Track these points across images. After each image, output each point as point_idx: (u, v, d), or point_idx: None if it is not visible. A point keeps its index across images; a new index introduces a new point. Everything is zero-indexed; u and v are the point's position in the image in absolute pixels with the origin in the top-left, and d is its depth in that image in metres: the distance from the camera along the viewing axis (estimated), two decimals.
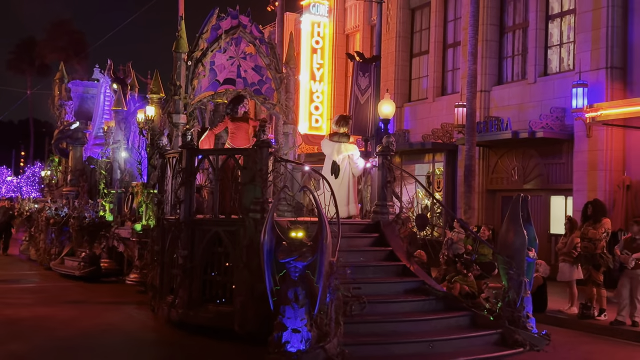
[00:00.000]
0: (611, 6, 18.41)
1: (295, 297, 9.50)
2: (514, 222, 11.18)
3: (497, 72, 22.71)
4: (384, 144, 13.00)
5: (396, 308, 10.84)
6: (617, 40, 18.43)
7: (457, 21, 24.49)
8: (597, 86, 18.37)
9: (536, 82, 20.99)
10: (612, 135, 18.41)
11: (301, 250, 9.52)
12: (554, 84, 20.42)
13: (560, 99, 19.72)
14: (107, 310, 14.21)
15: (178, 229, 12.56)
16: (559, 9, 21.06)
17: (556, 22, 21.11)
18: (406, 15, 26.98)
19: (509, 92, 22.05)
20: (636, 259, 12.12)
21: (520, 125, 20.37)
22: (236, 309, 11.68)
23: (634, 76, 18.33)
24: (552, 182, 20.53)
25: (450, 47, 25.12)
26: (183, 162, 12.55)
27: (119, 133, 19.59)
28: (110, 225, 18.63)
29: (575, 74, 18.89)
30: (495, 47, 22.62)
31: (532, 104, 20.79)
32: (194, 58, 14.82)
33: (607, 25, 18.42)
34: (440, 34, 25.23)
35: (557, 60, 21.01)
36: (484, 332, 10.83)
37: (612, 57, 18.40)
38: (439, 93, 25.16)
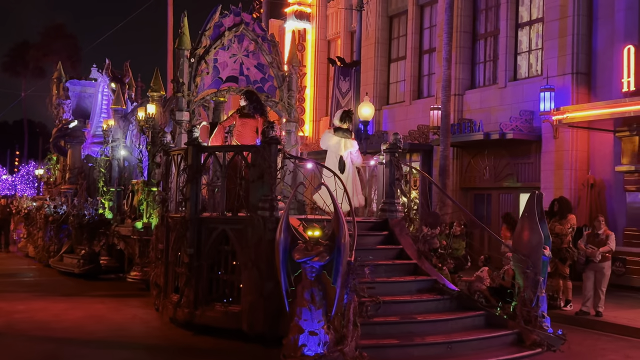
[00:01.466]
0: (576, 15, 18.61)
1: (312, 298, 8.68)
2: (530, 220, 10.41)
3: (470, 77, 22.81)
4: (392, 141, 12.18)
5: (411, 308, 10.01)
6: (582, 47, 18.66)
7: (433, 29, 24.61)
8: (564, 90, 18.56)
9: (506, 86, 21.15)
10: (577, 136, 18.63)
11: (318, 249, 8.67)
12: (523, 88, 20.56)
13: (529, 103, 19.85)
14: (111, 310, 13.29)
15: (184, 227, 11.67)
16: (528, 17, 21.19)
17: (525, 30, 21.26)
18: (384, 22, 27.00)
19: (481, 96, 22.15)
20: (602, 253, 12.21)
21: (491, 127, 20.45)
22: (245, 309, 10.84)
23: (598, 81, 18.51)
24: (521, 180, 20.60)
25: (426, 53, 25.22)
26: (189, 159, 11.67)
27: (118, 131, 18.61)
28: (109, 223, 17.68)
29: (543, 79, 19.05)
30: (468, 54, 22.74)
31: (503, 107, 20.92)
32: (196, 55, 13.97)
33: (573, 33, 18.64)
34: (416, 40, 25.32)
35: (526, 66, 21.14)
36: (500, 332, 10.06)
37: (578, 63, 18.64)
38: (415, 96, 25.25)
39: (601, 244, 12.38)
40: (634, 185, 17.19)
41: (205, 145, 11.86)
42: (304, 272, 8.79)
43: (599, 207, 17.72)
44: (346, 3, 28.29)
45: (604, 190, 18.14)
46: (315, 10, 30.49)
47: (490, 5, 22.36)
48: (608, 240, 12.43)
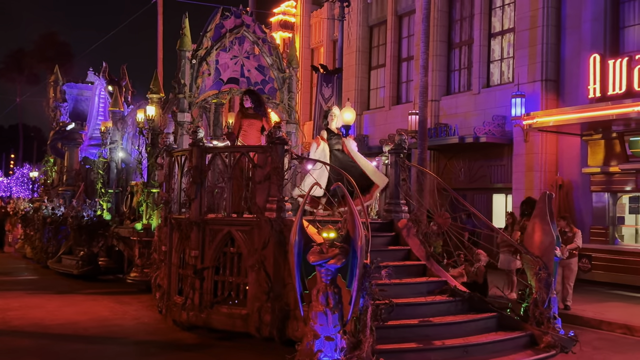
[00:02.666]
0: (546, 25, 18.80)
1: (327, 302, 7.95)
2: (542, 221, 9.77)
3: (446, 84, 23.00)
4: (397, 141, 11.50)
5: (424, 311, 9.32)
6: (551, 55, 18.84)
7: (411, 38, 24.67)
8: (534, 96, 18.74)
9: (480, 92, 21.30)
10: (546, 140, 18.80)
11: (334, 252, 7.95)
12: (495, 94, 20.70)
13: (501, 108, 20.00)
14: (114, 312, 12.53)
15: (188, 228, 10.93)
16: (500, 27, 21.32)
17: (497, 39, 21.41)
18: (365, 32, 27.22)
19: (456, 102, 22.31)
20: (569, 250, 12.17)
21: (466, 131, 20.53)
22: (252, 312, 10.13)
23: (566, 88, 18.69)
24: (494, 181, 20.75)
25: (405, 61, 25.31)
26: (193, 160, 10.92)
27: (116, 133, 17.78)
28: (108, 225, 16.85)
29: (514, 85, 19.23)
30: (444, 62, 22.90)
31: (477, 112, 21.03)
32: (198, 56, 13.23)
33: (542, 42, 18.83)
34: (395, 49, 25.49)
35: (499, 73, 21.26)
36: (513, 334, 9.41)
37: (547, 71, 18.82)
38: (394, 102, 25.39)
39: (568, 242, 12.31)
40: (599, 186, 17.45)
41: (209, 146, 11.09)
42: (319, 275, 8.07)
43: (567, 206, 17.81)
44: (329, 13, 28.37)
45: (571, 191, 18.35)
46: (299, 20, 30.76)
47: (464, 16, 22.56)
48: (575, 237, 12.42)
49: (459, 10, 22.73)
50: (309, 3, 30.89)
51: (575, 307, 12.69)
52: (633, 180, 16.87)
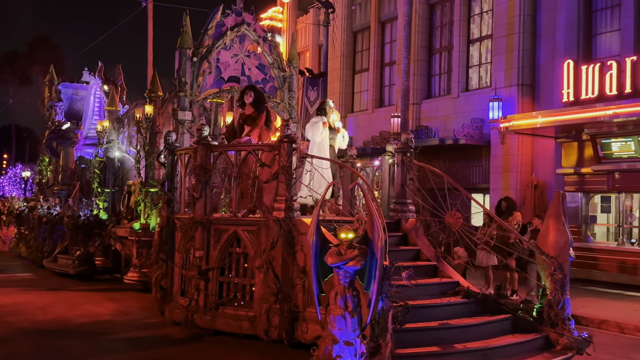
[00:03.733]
0: (522, 32, 18.90)
1: (346, 305, 7.27)
2: (556, 220, 9.14)
3: (427, 88, 23.01)
4: (403, 140, 10.85)
5: (439, 313, 8.66)
6: (527, 61, 18.94)
7: (393, 43, 24.63)
8: (510, 100, 18.80)
9: (459, 96, 21.29)
10: (522, 142, 18.84)
11: (353, 253, 7.28)
12: (474, 98, 20.63)
13: (479, 111, 19.96)
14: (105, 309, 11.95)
15: (192, 228, 10.22)
16: (479, 34, 21.32)
17: (476, 45, 21.40)
18: (349, 37, 27.10)
19: (436, 105, 22.29)
20: None
21: (446, 133, 20.67)
22: (260, 314, 9.46)
23: (541, 92, 18.76)
24: (472, 182, 20.68)
25: (387, 65, 25.22)
26: (198, 158, 10.20)
27: (112, 133, 16.95)
28: (105, 224, 16.02)
29: (492, 90, 19.25)
30: (425, 66, 22.91)
31: (456, 115, 21.04)
32: (199, 54, 12.48)
33: (519, 48, 18.92)
34: (378, 54, 25.39)
35: (477, 78, 21.27)
36: (529, 336, 8.74)
37: (523, 76, 18.91)
38: (377, 105, 25.32)
39: None
40: (572, 186, 17.45)
41: (215, 144, 10.36)
42: (337, 277, 7.39)
43: (541, 206, 17.74)
44: (314, 19, 28.25)
45: (546, 191, 18.36)
46: (285, 25, 30.65)
47: (444, 23, 22.57)
48: None
49: (439, 17, 22.80)
50: (295, 9, 30.67)
51: None
52: (604, 181, 16.85)
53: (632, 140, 16.13)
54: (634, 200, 17.00)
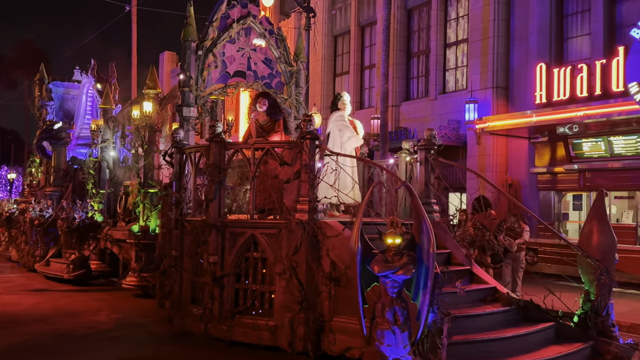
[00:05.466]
0: (496, 37, 18.92)
1: (395, 318, 6.22)
2: (600, 221, 8.20)
3: (405, 90, 22.96)
4: (426, 137, 9.80)
5: (481, 323, 7.65)
6: (501, 64, 18.96)
7: (372, 47, 24.46)
8: (485, 102, 18.85)
9: (437, 98, 21.29)
10: (497, 143, 18.83)
11: (403, 261, 6.20)
12: (451, 100, 20.64)
13: (456, 113, 19.97)
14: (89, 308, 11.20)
15: (205, 231, 9.06)
16: (455, 38, 21.30)
17: (452, 49, 21.39)
18: (330, 41, 26.84)
19: (415, 107, 22.24)
20: (518, 244, 11.79)
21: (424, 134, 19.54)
22: (282, 324, 8.32)
23: (514, 94, 18.78)
24: (449, 181, 20.81)
25: (367, 68, 25.03)
26: (211, 157, 9.03)
27: (107, 132, 15.65)
28: (100, 226, 14.73)
29: (468, 92, 19.33)
30: (403, 69, 22.88)
31: (434, 117, 21.05)
32: (204, 47, 11.28)
33: (493, 52, 18.94)
34: (358, 57, 25.17)
35: (454, 81, 21.27)
36: (576, 346, 7.79)
37: (497, 79, 18.93)
38: (357, 107, 25.03)
39: (517, 236, 12.01)
40: (545, 185, 17.61)
41: (230, 142, 9.22)
42: (383, 288, 6.33)
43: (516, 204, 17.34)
44: (296, 23, 27.66)
45: (520, 190, 18.35)
46: None
47: (422, 27, 22.52)
48: (523, 233, 12.05)
49: (417, 21, 22.74)
50: (276, 13, 29.90)
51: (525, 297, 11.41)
52: (576, 180, 16.95)
53: (602, 140, 16.19)
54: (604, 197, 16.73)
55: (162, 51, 38.63)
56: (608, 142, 16.08)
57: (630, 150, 15.87)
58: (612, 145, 16.11)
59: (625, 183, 16.11)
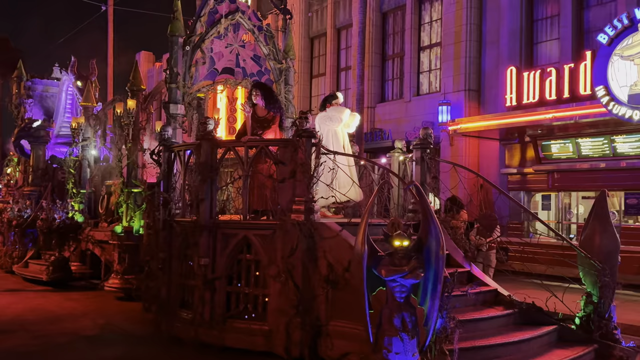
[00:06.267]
0: (469, 40, 19.09)
1: (403, 325, 5.84)
2: (602, 222, 7.92)
3: (380, 92, 23.05)
4: (422, 135, 9.46)
5: (485, 326, 7.33)
6: (473, 68, 19.13)
7: (348, 49, 24.56)
8: (458, 105, 19.05)
9: (411, 100, 21.43)
10: (469, 144, 19.00)
11: (412, 264, 5.83)
12: (424, 102, 20.78)
13: (430, 115, 20.08)
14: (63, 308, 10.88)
15: (196, 233, 8.59)
16: (429, 41, 21.48)
17: (426, 52, 21.57)
18: (306, 43, 26.84)
19: (389, 109, 22.32)
20: (488, 243, 11.75)
21: (398, 135, 20.21)
22: (277, 329, 7.92)
23: (486, 97, 18.94)
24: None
25: (343, 70, 25.14)
26: (202, 155, 8.58)
27: (88, 130, 15.04)
28: (81, 227, 14.13)
29: (441, 94, 19.53)
30: (378, 72, 22.99)
31: (408, 119, 21.14)
32: (191, 43, 10.81)
33: (466, 56, 19.10)
34: (334, 59, 25.26)
35: (427, 83, 21.45)
36: (580, 350, 7.52)
37: (470, 82, 19.10)
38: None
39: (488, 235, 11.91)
40: (515, 185, 17.73)
41: (222, 140, 8.77)
42: (390, 293, 5.94)
43: (487, 204, 17.42)
44: (272, 25, 27.51)
45: (490, 190, 18.11)
46: None
47: (396, 31, 22.63)
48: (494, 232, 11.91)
49: (392, 25, 22.83)
50: None
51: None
52: (545, 180, 17.08)
53: (570, 142, 16.43)
54: (572, 198, 17.42)
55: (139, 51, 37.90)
56: (576, 143, 16.31)
57: (597, 151, 16.09)
58: (580, 146, 16.35)
59: (592, 184, 16.28)
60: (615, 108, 14.37)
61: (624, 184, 15.55)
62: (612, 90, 14.42)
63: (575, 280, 8.02)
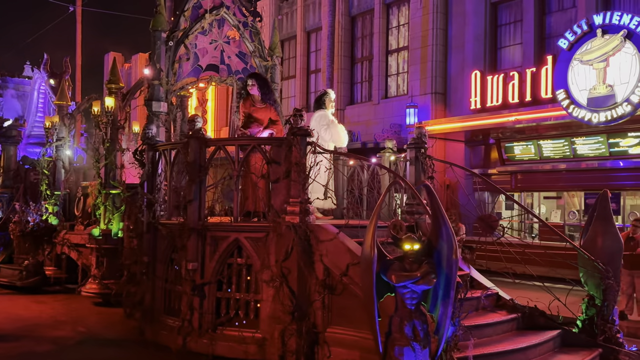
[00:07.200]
0: (435, 45, 19.16)
1: (414, 333, 5.44)
2: (604, 223, 7.64)
3: (350, 95, 22.89)
4: (416, 135, 9.08)
5: (490, 332, 6.98)
6: (440, 71, 19.20)
7: (318, 52, 24.32)
8: (425, 107, 19.15)
9: (379, 103, 21.38)
10: (436, 146, 18.63)
11: (424, 269, 5.43)
12: (392, 105, 20.76)
13: (398, 117, 20.14)
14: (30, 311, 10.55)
15: (184, 236, 8.08)
16: (396, 45, 21.44)
17: (394, 56, 21.53)
18: None
19: (359, 111, 22.24)
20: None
21: (367, 137, 20.80)
22: (271, 337, 7.44)
23: (452, 100, 19.07)
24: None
25: (313, 73, 24.82)
26: (190, 155, 8.06)
27: (63, 129, 14.35)
28: (56, 230, 13.45)
29: (408, 97, 19.55)
30: (347, 75, 22.84)
31: (377, 121, 21.11)
32: (175, 38, 10.27)
33: (432, 59, 19.17)
34: (304, 62, 24.93)
35: (395, 86, 21.42)
36: (584, 354, 7.21)
37: (436, 85, 19.18)
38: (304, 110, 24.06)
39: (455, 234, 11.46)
40: (480, 185, 17.30)
41: (211, 138, 8.26)
42: (401, 300, 5.53)
43: (453, 204, 17.99)
44: None
45: (457, 191, 18.45)
46: None
47: (365, 34, 22.53)
48: (459, 231, 12.01)
49: (361, 29, 22.71)
50: None
51: None
52: (508, 181, 17.24)
53: (532, 144, 16.61)
54: (534, 198, 17.51)
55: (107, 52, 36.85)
56: (538, 145, 16.51)
57: (558, 153, 16.36)
58: (542, 148, 16.62)
59: (553, 184, 16.61)
60: (575, 111, 14.58)
61: (583, 184, 15.86)
62: (572, 93, 14.65)
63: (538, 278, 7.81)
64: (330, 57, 18.65)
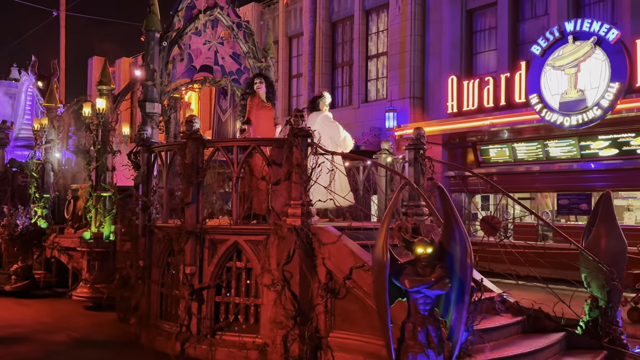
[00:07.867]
0: (413, 50, 19.37)
1: (429, 340, 5.17)
2: (608, 224, 7.45)
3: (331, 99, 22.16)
4: (414, 136, 8.84)
5: (497, 336, 6.73)
6: (418, 76, 19.38)
7: (299, 57, 24.46)
8: (404, 111, 19.31)
9: (360, 107, 21.52)
10: None
11: (438, 273, 5.18)
12: (372, 109, 20.94)
13: (377, 121, 20.25)
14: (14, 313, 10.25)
15: (181, 239, 7.77)
16: (376, 51, 21.60)
17: (374, 61, 21.70)
18: None
19: (339, 115, 22.06)
20: None
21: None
22: (273, 342, 7.16)
23: (429, 104, 19.26)
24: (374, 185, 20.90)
25: (294, 77, 24.96)
26: (188, 156, 7.74)
27: (52, 132, 13.92)
28: (46, 233, 13.03)
29: (388, 101, 19.73)
30: (328, 79, 22.93)
31: (357, 124, 21.09)
32: (168, 38, 9.95)
33: (410, 65, 19.35)
34: (286, 67, 24.96)
35: (375, 90, 21.56)
36: (589, 356, 6.98)
37: (414, 90, 19.34)
38: (286, 114, 24.53)
39: None
40: (457, 187, 17.90)
41: (209, 139, 7.97)
42: (413, 304, 5.28)
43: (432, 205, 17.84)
44: None
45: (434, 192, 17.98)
46: None
47: (345, 40, 22.69)
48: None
49: (341, 34, 22.87)
50: None
51: None
52: (484, 183, 16.90)
53: (506, 146, 16.87)
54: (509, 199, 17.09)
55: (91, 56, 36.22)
56: (512, 148, 16.75)
57: (531, 155, 16.51)
58: (516, 151, 16.76)
59: (527, 185, 16.78)
60: (547, 115, 14.82)
61: (556, 185, 16.05)
62: (545, 98, 14.91)
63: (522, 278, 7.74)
64: (311, 62, 18.72)
